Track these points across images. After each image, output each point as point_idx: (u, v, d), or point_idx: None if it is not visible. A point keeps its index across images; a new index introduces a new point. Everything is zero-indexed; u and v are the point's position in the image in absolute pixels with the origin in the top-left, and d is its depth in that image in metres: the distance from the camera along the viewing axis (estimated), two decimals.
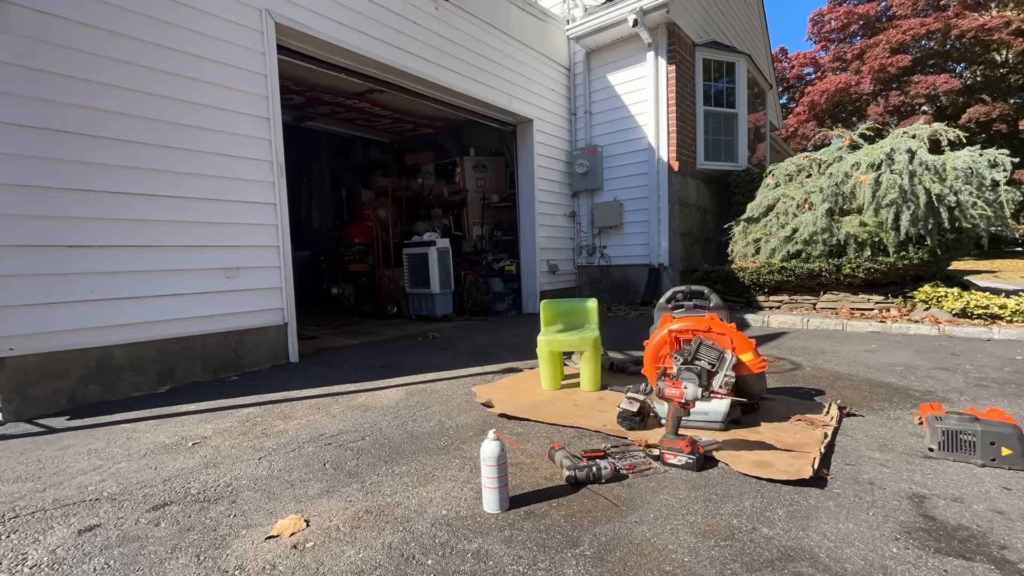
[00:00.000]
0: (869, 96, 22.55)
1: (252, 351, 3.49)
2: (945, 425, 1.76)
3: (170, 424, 2.36)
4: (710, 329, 2.15)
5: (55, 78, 2.62)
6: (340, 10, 4.04)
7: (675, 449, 1.70)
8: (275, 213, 3.59)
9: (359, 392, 2.83)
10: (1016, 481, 1.58)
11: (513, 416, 2.28)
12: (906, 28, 20.94)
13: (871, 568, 1.17)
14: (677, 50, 6.03)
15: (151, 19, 2.97)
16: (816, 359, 3.41)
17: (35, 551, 1.32)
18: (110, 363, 2.81)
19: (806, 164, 5.63)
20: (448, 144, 8.07)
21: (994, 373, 2.90)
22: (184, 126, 3.11)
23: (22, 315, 2.51)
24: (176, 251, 3.09)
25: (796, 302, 5.33)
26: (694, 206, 6.54)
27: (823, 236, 4.82)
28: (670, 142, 6.12)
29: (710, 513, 1.43)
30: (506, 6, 5.69)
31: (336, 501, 1.55)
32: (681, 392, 1.72)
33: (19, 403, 2.49)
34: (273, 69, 3.57)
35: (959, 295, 4.39)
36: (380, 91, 5.27)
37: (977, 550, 1.23)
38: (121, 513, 1.51)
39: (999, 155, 4.57)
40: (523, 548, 1.28)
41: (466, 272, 6.31)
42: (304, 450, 1.98)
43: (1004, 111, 19.13)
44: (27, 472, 1.84)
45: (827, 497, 1.51)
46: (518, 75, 5.93)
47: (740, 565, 1.19)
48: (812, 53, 27.07)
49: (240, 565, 1.24)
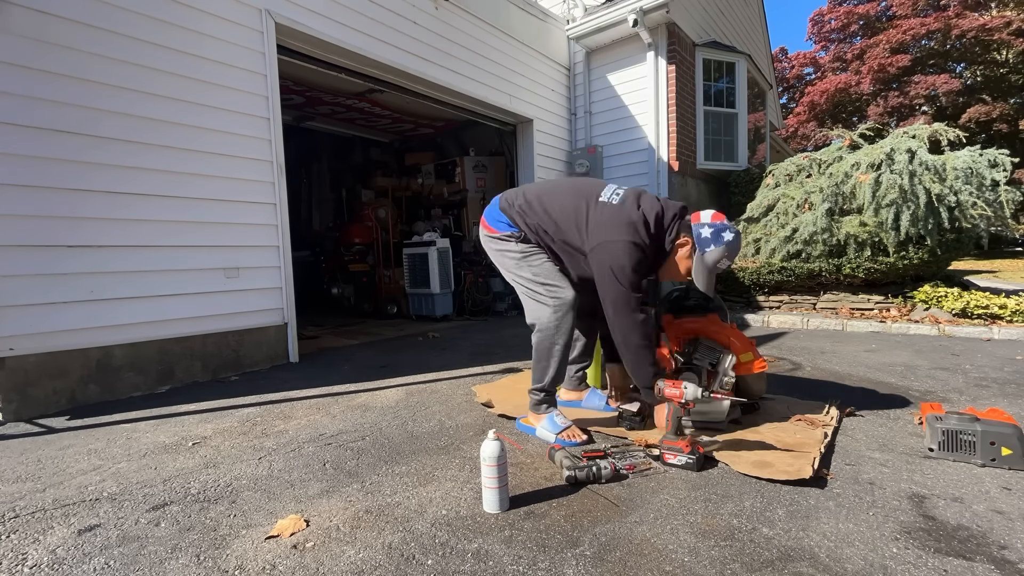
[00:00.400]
0: (869, 96, 22.56)
1: (252, 351, 3.49)
2: (945, 425, 1.76)
3: (170, 424, 2.36)
4: (710, 329, 2.15)
5: (55, 78, 2.62)
6: (340, 10, 4.04)
7: (675, 449, 1.70)
8: (275, 213, 3.59)
9: (359, 392, 2.83)
10: (1016, 481, 1.58)
11: (513, 416, 2.28)
12: (906, 28, 20.95)
13: (871, 568, 1.17)
14: (677, 50, 6.03)
15: (152, 19, 2.97)
16: (816, 359, 3.41)
17: (35, 551, 1.32)
18: (110, 363, 2.81)
19: (806, 164, 5.63)
20: (448, 144, 8.07)
21: (994, 373, 2.90)
22: (184, 126, 3.11)
23: (22, 315, 2.52)
24: (176, 251, 3.09)
25: (796, 302, 5.33)
26: (694, 206, 6.52)
27: (823, 236, 4.82)
28: (670, 142, 6.12)
29: (710, 513, 1.43)
30: (506, 6, 5.69)
31: (336, 501, 1.55)
32: (681, 392, 1.72)
33: (19, 403, 2.49)
34: (273, 69, 3.57)
35: (959, 295, 4.39)
36: (380, 91, 5.27)
37: (977, 550, 1.23)
38: (121, 513, 1.51)
39: (999, 155, 4.57)
40: (523, 548, 1.28)
41: (466, 272, 6.31)
42: (304, 450, 1.98)
43: (1004, 111, 19.14)
44: (27, 472, 1.84)
45: (827, 497, 1.51)
46: (518, 75, 5.93)
47: (740, 565, 1.19)
48: (812, 53, 27.09)
49: (240, 565, 1.24)
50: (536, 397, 2.08)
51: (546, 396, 2.07)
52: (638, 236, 1.82)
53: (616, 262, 1.80)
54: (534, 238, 2.06)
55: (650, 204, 1.90)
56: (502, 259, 2.14)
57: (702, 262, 1.83)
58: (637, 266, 1.81)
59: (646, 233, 1.83)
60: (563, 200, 2.00)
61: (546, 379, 2.03)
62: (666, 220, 1.88)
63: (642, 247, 1.82)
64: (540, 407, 2.06)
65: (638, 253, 1.81)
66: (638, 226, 1.83)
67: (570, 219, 1.95)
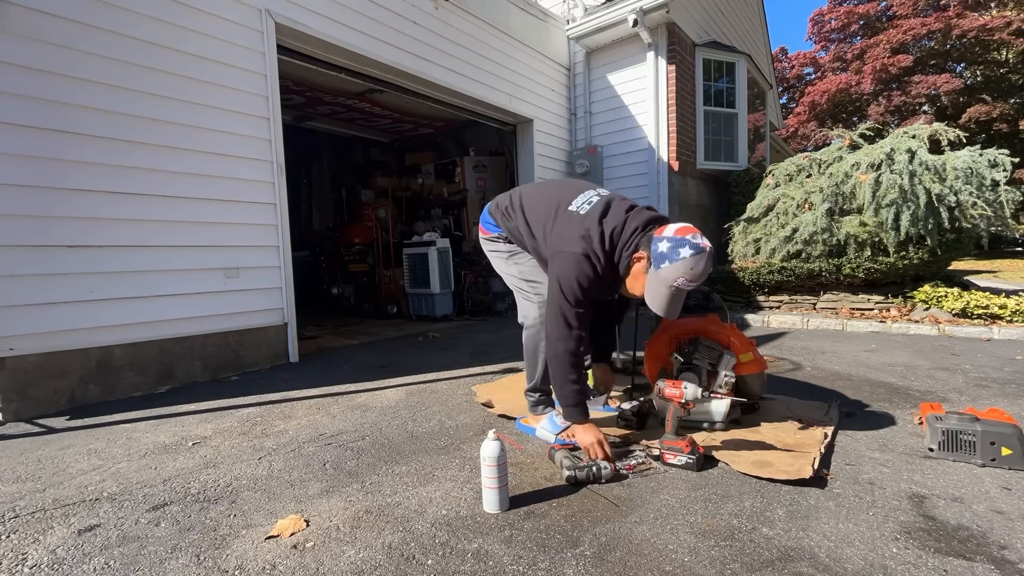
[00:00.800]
0: (870, 96, 22.56)
1: (252, 351, 3.49)
2: (945, 425, 1.76)
3: (170, 424, 2.36)
4: (710, 329, 2.15)
5: (55, 78, 2.62)
6: (340, 10, 4.04)
7: (675, 449, 1.71)
8: (275, 213, 3.59)
9: (359, 392, 2.83)
10: (1016, 481, 1.58)
11: (513, 416, 2.28)
12: (907, 28, 20.95)
13: (871, 568, 1.17)
14: (677, 50, 6.02)
15: (152, 19, 2.97)
16: (816, 359, 3.41)
17: (35, 551, 1.32)
18: (110, 363, 2.81)
19: (806, 164, 5.63)
20: (448, 144, 8.07)
21: (994, 373, 2.90)
22: (184, 126, 3.11)
23: (22, 315, 2.52)
24: (176, 251, 3.09)
25: (796, 302, 5.33)
26: (694, 206, 6.54)
27: (823, 236, 4.82)
28: (670, 142, 6.12)
29: (710, 513, 1.43)
30: (506, 6, 5.69)
31: (336, 501, 1.55)
32: (681, 392, 1.72)
33: (19, 403, 2.49)
34: (273, 69, 3.57)
35: (959, 295, 4.39)
36: (380, 91, 5.27)
37: (977, 550, 1.23)
38: (121, 513, 1.51)
39: (999, 155, 4.56)
40: (523, 548, 1.28)
41: (466, 272, 6.31)
42: (304, 450, 1.98)
43: (1004, 111, 19.14)
44: (27, 472, 1.84)
45: (827, 497, 1.51)
46: (518, 75, 5.93)
47: (740, 565, 1.19)
48: (812, 53, 27.08)
49: (240, 565, 1.24)
50: (532, 398, 2.09)
51: (542, 396, 2.08)
52: (589, 248, 1.73)
53: (564, 272, 1.74)
54: (516, 240, 2.12)
55: (614, 215, 1.79)
56: (494, 258, 2.23)
57: (656, 279, 1.65)
58: (584, 280, 1.73)
59: (600, 246, 1.73)
60: (538, 207, 1.99)
61: (537, 377, 2.05)
62: (625, 234, 1.74)
63: (591, 260, 1.73)
64: (538, 408, 2.07)
65: (587, 266, 1.73)
66: (592, 239, 1.74)
67: (539, 227, 1.94)
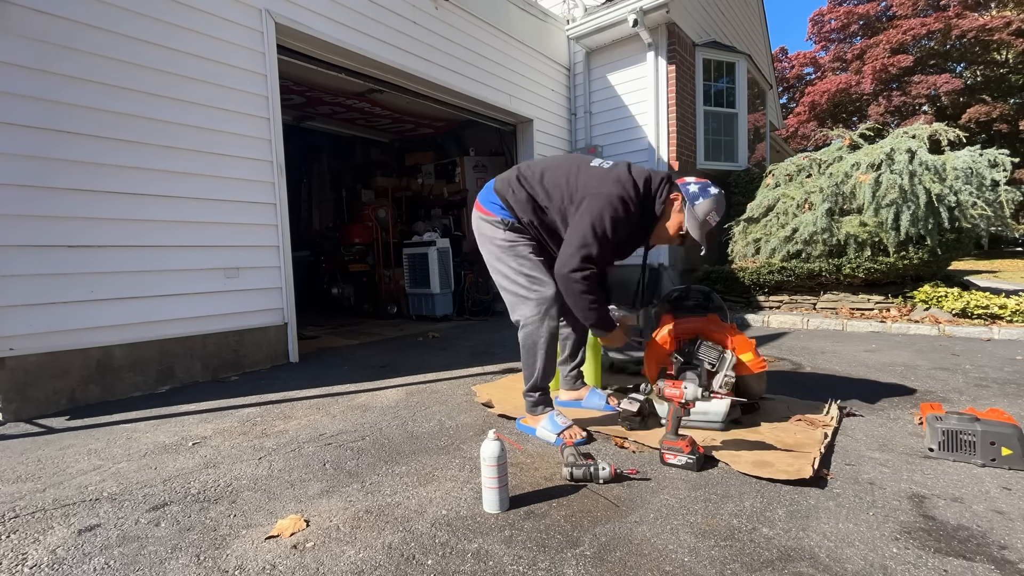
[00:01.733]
0: (870, 96, 22.55)
1: (252, 351, 3.49)
2: (945, 425, 1.76)
3: (170, 424, 2.36)
4: (710, 329, 2.15)
5: (57, 78, 2.62)
6: (340, 10, 4.04)
7: (675, 449, 1.71)
8: (275, 213, 3.59)
9: (359, 392, 2.83)
10: (1016, 481, 1.58)
11: (513, 416, 2.28)
12: (906, 28, 20.94)
13: (871, 568, 1.17)
14: (677, 50, 6.02)
15: (152, 19, 2.97)
16: (816, 359, 3.41)
17: (35, 551, 1.32)
18: (110, 363, 2.81)
19: (806, 164, 5.63)
20: (448, 144, 8.07)
21: (994, 373, 2.90)
22: (184, 126, 3.11)
23: (22, 315, 2.52)
24: (176, 251, 3.09)
25: (796, 302, 5.33)
26: None
27: (823, 236, 4.82)
28: (670, 142, 6.12)
29: (710, 513, 1.43)
30: (506, 6, 5.69)
31: (336, 501, 1.55)
32: (681, 392, 1.72)
33: (19, 403, 2.49)
34: (273, 69, 3.57)
35: (959, 295, 4.39)
36: (380, 91, 5.27)
37: (977, 550, 1.23)
38: (121, 513, 1.51)
39: (999, 155, 4.57)
40: (523, 548, 1.28)
41: (466, 272, 6.31)
42: (304, 450, 1.98)
43: (1004, 111, 19.14)
44: (27, 472, 1.84)
45: (827, 497, 1.51)
46: (518, 75, 5.93)
47: (740, 565, 1.19)
48: (812, 53, 27.07)
49: (240, 565, 1.24)
50: (532, 398, 2.08)
51: (541, 396, 2.07)
52: (626, 192, 1.87)
53: (597, 210, 1.84)
54: (524, 216, 2.02)
55: (639, 170, 1.98)
56: (488, 247, 2.11)
57: (693, 215, 1.90)
58: (619, 218, 1.84)
59: (634, 191, 1.89)
60: (559, 164, 2.05)
61: (535, 377, 2.03)
62: (654, 184, 1.95)
63: (628, 203, 1.86)
64: (537, 408, 2.07)
65: (621, 206, 1.85)
66: (626, 184, 1.89)
67: (562, 182, 1.97)
